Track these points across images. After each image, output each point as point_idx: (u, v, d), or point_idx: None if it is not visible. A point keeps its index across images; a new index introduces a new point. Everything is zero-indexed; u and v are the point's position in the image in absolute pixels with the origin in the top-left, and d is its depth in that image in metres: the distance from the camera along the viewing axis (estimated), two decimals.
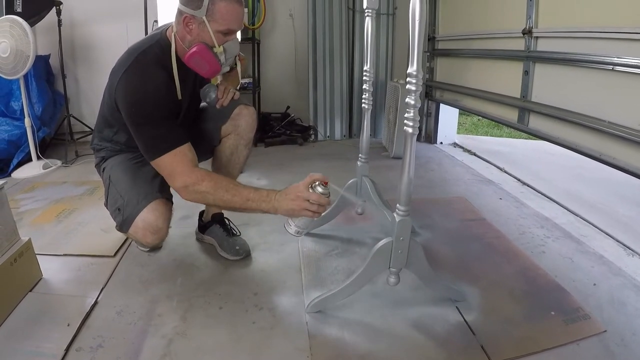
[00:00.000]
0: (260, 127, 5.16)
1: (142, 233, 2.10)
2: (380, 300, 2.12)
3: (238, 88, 2.38)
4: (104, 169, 2.33)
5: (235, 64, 2.26)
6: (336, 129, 5.52)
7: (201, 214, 2.74)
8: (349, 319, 1.99)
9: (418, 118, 1.73)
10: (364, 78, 2.51)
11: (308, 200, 1.83)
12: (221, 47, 2.00)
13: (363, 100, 2.54)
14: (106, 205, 2.27)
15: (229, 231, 2.62)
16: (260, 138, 5.10)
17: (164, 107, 1.99)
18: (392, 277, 1.93)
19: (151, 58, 2.01)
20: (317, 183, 1.84)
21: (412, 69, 1.67)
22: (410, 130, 1.72)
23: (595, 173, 4.04)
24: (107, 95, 2.09)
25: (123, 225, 2.13)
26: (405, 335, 1.91)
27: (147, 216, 2.08)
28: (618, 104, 2.56)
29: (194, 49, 1.97)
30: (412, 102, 1.70)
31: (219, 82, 2.32)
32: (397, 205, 1.84)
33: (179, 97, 2.11)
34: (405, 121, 1.73)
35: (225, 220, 2.67)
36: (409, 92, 1.70)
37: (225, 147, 2.48)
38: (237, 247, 2.53)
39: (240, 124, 2.45)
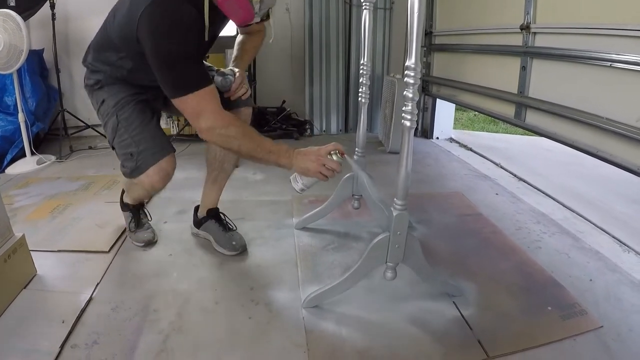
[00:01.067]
0: (256, 121, 5.16)
1: (154, 179, 2.16)
2: (377, 295, 2.12)
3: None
4: (103, 101, 2.22)
5: (268, 17, 2.22)
6: (332, 123, 5.52)
7: (196, 209, 2.72)
8: (346, 314, 1.99)
9: (416, 111, 1.72)
10: (361, 72, 2.50)
11: (324, 165, 1.94)
12: None
13: (360, 94, 2.53)
14: (111, 142, 2.25)
15: (224, 226, 2.60)
16: None
17: (193, 46, 1.91)
18: (389, 272, 1.93)
19: None
20: (335, 151, 1.98)
21: (410, 61, 1.66)
22: (408, 123, 1.71)
23: (592, 169, 4.04)
24: (124, 23, 1.94)
25: (134, 172, 2.17)
26: (402, 330, 1.90)
27: (164, 166, 2.16)
28: (616, 100, 2.56)
29: None
30: (410, 95, 1.69)
31: (235, 69, 2.37)
32: (395, 199, 1.84)
33: (206, 38, 2.02)
34: (403, 114, 1.72)
35: (221, 215, 2.65)
36: (407, 85, 1.69)
37: None
38: (234, 243, 2.52)
39: None
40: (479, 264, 2.44)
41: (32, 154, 4.16)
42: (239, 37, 2.50)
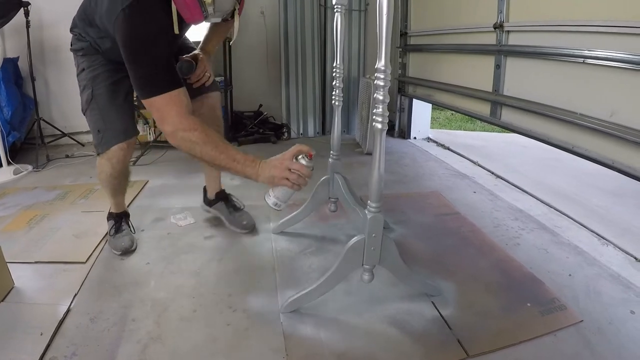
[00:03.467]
0: (232, 126, 5.19)
1: (115, 157, 2.35)
2: (355, 298, 2.12)
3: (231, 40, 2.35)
4: (83, 69, 2.35)
5: (232, 17, 2.19)
6: (309, 126, 5.51)
7: (205, 188, 2.99)
8: (325, 318, 1.98)
9: (387, 113, 1.72)
10: (334, 74, 2.50)
11: (289, 169, 1.89)
12: None
13: (334, 97, 2.53)
14: (83, 111, 2.41)
15: (234, 206, 2.87)
16: (233, 137, 5.06)
17: (163, 48, 1.96)
18: (366, 274, 1.92)
19: None
20: (302, 155, 1.93)
21: (380, 64, 1.66)
22: (379, 125, 1.71)
23: (568, 164, 4.07)
24: (104, 16, 2.01)
25: (98, 147, 2.37)
26: (381, 331, 1.90)
27: (124, 147, 2.34)
28: (589, 96, 2.59)
29: None
30: (381, 98, 1.69)
31: (199, 54, 2.49)
32: (369, 201, 1.83)
33: (176, 31, 2.04)
34: (375, 117, 1.72)
35: (229, 196, 2.92)
36: (377, 87, 1.69)
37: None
38: (244, 222, 2.80)
39: (203, 112, 2.51)
40: (458, 263, 2.44)
41: (9, 163, 4.10)
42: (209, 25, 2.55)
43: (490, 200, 3.33)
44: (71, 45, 2.39)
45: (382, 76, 1.67)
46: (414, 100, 5.22)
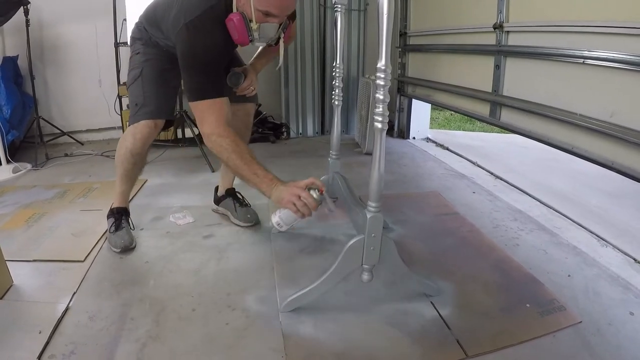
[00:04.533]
0: None
1: (142, 132, 2.47)
2: (354, 298, 2.11)
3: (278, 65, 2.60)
4: (138, 52, 2.55)
5: (276, 43, 2.37)
6: (308, 126, 5.51)
7: (216, 189, 3.10)
8: (324, 317, 1.98)
9: (387, 113, 1.72)
10: (334, 74, 2.50)
11: (299, 196, 1.97)
12: (258, 24, 2.12)
13: (333, 97, 2.53)
14: (128, 86, 2.58)
15: (240, 202, 2.97)
16: None
17: (216, 62, 2.21)
18: (366, 274, 1.92)
19: (216, 13, 2.16)
20: (314, 189, 2.01)
21: (380, 63, 1.66)
22: (379, 125, 1.71)
23: (567, 165, 4.07)
24: (169, 25, 2.25)
25: (131, 119, 2.52)
26: (380, 331, 1.90)
27: (151, 125, 2.48)
28: (589, 96, 2.59)
29: (232, 16, 2.12)
30: (382, 97, 1.69)
31: (248, 69, 2.65)
32: (368, 201, 1.83)
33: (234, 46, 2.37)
34: (375, 116, 1.72)
35: (238, 194, 3.02)
36: (378, 87, 1.69)
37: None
38: (249, 216, 2.91)
39: (239, 115, 2.73)
40: (457, 263, 2.44)
41: (8, 162, 4.10)
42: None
43: (489, 201, 3.33)
44: (132, 34, 2.61)
45: (382, 75, 1.66)
46: (413, 100, 5.22)
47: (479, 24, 3.57)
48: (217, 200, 3.06)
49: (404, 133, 5.42)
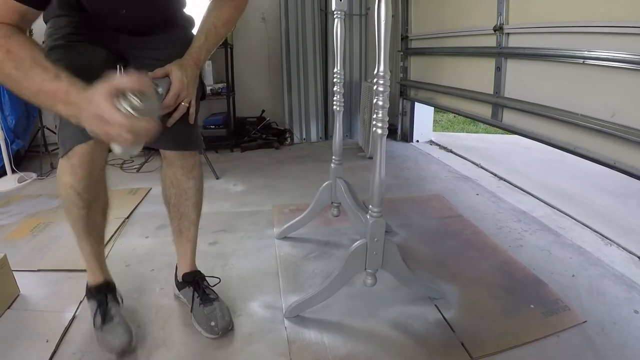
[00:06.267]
0: (235, 131, 5.20)
1: (75, 159, 1.65)
2: (358, 302, 2.12)
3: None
4: (43, 42, 1.61)
5: None
6: (312, 131, 5.52)
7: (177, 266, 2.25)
8: (328, 322, 1.98)
9: (387, 119, 1.72)
10: (335, 80, 2.50)
11: (103, 118, 1.14)
12: None
13: (335, 102, 2.53)
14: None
15: (202, 296, 2.05)
16: (236, 143, 5.09)
17: None
18: (369, 279, 1.92)
19: None
20: (130, 92, 1.16)
21: (379, 69, 1.67)
22: (379, 131, 1.71)
23: (571, 165, 4.07)
24: None
25: (60, 150, 1.70)
26: (384, 335, 1.90)
27: (82, 148, 1.62)
28: (590, 96, 2.59)
29: None
30: (381, 103, 1.70)
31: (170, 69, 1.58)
32: (370, 206, 1.83)
33: None
34: (374, 122, 1.72)
35: (199, 281, 2.12)
36: (376, 93, 1.70)
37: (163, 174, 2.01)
38: (212, 324, 1.92)
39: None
40: (460, 265, 2.44)
41: (13, 172, 4.10)
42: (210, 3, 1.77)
43: (493, 202, 3.33)
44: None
45: (381, 82, 1.67)
46: (416, 104, 5.23)
47: (479, 27, 3.57)
48: (177, 286, 2.20)
49: (407, 136, 5.42)
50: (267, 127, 5.36)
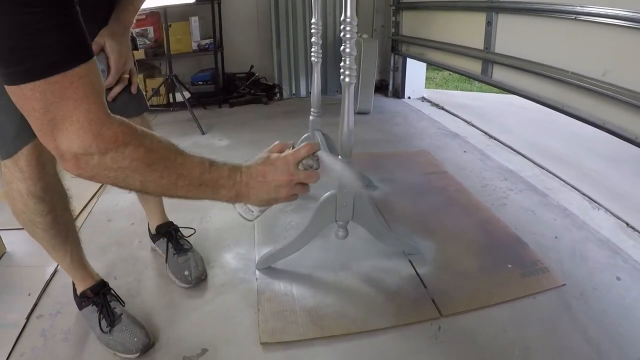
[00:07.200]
0: (224, 87, 5.18)
1: (22, 161, 1.47)
2: (331, 255, 2.11)
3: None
4: None
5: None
6: (301, 86, 5.47)
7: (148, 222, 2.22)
8: (299, 274, 1.99)
9: (354, 66, 1.73)
10: (312, 30, 2.51)
11: (292, 181, 1.22)
12: None
13: (312, 53, 2.53)
14: None
15: (176, 247, 2.05)
16: (224, 99, 5.07)
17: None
18: (340, 231, 1.92)
19: None
20: (310, 157, 1.26)
21: (346, 15, 1.68)
22: (347, 79, 1.74)
23: (565, 127, 3.97)
24: None
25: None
26: (354, 288, 1.90)
27: (29, 150, 1.46)
28: (581, 54, 2.52)
29: None
30: (348, 50, 1.72)
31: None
32: (339, 157, 1.86)
33: None
34: (342, 70, 1.74)
35: (172, 231, 2.10)
36: (344, 40, 1.70)
37: None
38: (186, 273, 1.95)
39: None
40: (441, 222, 2.40)
41: None
42: None
43: (480, 160, 3.28)
44: None
45: (348, 28, 1.67)
46: (408, 60, 5.15)
47: None
48: (152, 238, 2.19)
49: (398, 92, 5.36)
50: (256, 83, 5.30)
